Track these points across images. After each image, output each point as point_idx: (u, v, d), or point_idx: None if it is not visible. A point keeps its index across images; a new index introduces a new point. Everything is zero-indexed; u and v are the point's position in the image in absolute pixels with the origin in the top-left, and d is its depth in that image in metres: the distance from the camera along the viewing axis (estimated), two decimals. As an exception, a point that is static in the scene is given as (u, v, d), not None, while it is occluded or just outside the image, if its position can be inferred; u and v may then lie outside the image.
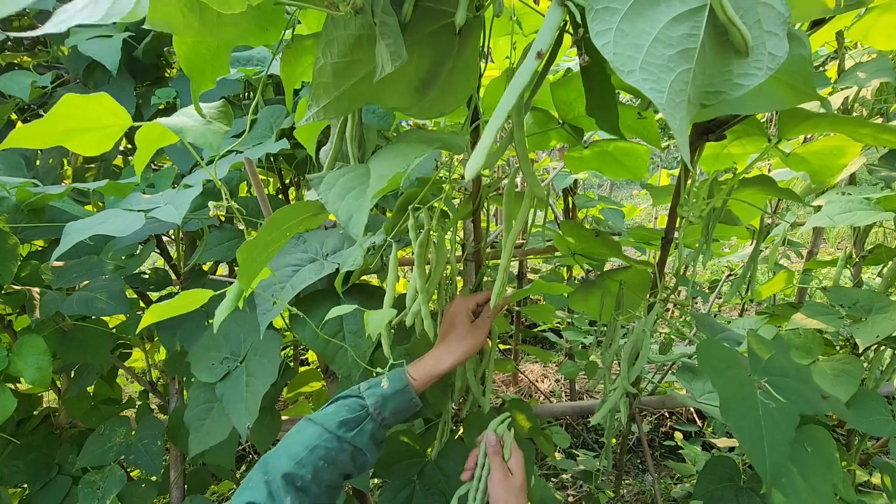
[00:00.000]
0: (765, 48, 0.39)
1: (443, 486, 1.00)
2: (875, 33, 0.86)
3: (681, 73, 0.37)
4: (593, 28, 0.37)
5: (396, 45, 0.47)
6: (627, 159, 1.09)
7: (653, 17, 0.37)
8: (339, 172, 0.56)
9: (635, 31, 0.37)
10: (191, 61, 0.61)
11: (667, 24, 0.37)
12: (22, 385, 1.29)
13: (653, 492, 1.68)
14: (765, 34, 0.39)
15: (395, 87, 0.55)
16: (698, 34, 0.37)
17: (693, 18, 0.37)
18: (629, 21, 0.37)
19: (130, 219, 0.88)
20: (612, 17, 0.37)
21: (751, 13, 0.38)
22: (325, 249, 0.96)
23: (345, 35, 0.51)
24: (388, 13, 0.48)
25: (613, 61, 0.37)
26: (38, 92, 1.26)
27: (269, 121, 1.15)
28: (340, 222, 0.50)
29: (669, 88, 0.37)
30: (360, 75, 0.54)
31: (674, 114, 0.37)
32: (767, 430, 0.66)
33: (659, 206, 2.68)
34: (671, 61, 0.37)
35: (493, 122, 0.39)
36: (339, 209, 0.50)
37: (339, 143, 0.69)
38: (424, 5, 0.52)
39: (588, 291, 1.09)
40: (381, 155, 0.58)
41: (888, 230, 1.43)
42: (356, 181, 0.53)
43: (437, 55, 0.55)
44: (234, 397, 0.94)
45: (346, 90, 0.54)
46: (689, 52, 0.37)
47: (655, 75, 0.37)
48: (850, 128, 0.72)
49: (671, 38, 0.37)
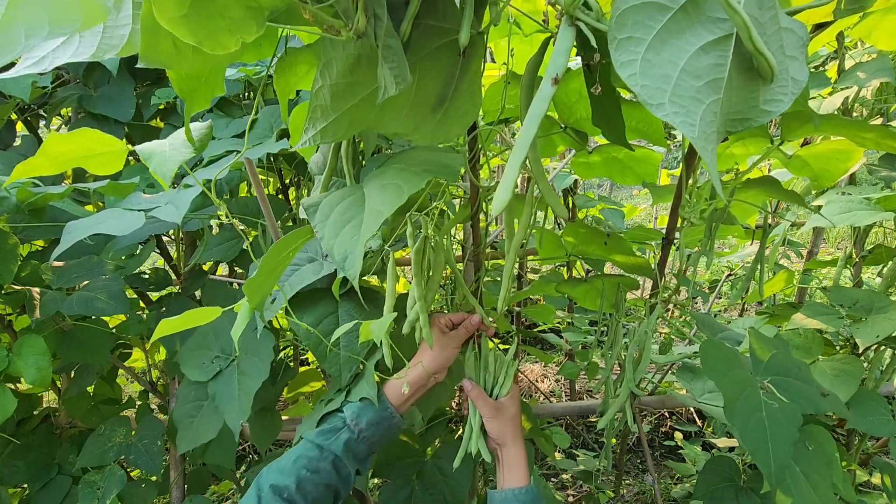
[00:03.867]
0: (788, 73, 0.38)
1: (443, 486, 1.00)
2: (878, 33, 0.86)
3: (710, 105, 0.36)
4: (617, 59, 0.36)
5: (400, 68, 0.46)
6: (638, 165, 1.07)
7: (679, 46, 0.36)
8: (334, 199, 0.55)
9: (662, 62, 0.36)
10: (183, 83, 0.60)
11: (693, 53, 0.36)
12: (22, 385, 1.29)
13: (653, 492, 1.68)
14: (787, 59, 0.38)
15: (396, 111, 0.53)
16: (725, 63, 0.37)
17: (719, 48, 0.37)
18: (655, 51, 0.36)
19: (130, 218, 0.88)
20: (636, 47, 0.36)
21: (774, 39, 0.38)
22: (325, 250, 0.96)
23: (343, 55, 0.49)
24: (391, 35, 0.46)
25: (641, 94, 0.36)
26: (38, 92, 1.26)
27: (269, 121, 1.15)
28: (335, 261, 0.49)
29: (700, 121, 0.36)
30: (360, 97, 0.51)
31: (706, 147, 0.36)
32: (771, 431, 0.66)
33: (659, 205, 2.68)
34: (700, 93, 0.36)
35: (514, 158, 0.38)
36: (335, 247, 0.50)
37: (335, 161, 0.68)
38: (424, 24, 0.50)
39: (577, 283, 1.10)
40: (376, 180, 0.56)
41: (888, 230, 1.43)
42: (351, 211, 0.52)
43: (438, 76, 0.53)
44: (226, 396, 0.94)
45: (345, 113, 0.52)
46: (717, 82, 0.37)
47: (686, 108, 0.36)
48: (853, 131, 0.72)
49: (699, 68, 0.36)
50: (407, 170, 0.55)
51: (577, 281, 1.09)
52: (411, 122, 0.54)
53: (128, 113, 1.28)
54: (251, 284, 0.62)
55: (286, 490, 0.68)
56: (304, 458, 0.72)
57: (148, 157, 0.65)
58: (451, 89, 0.53)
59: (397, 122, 0.54)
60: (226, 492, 1.99)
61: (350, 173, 0.66)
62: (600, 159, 1.07)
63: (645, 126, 0.92)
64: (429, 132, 0.55)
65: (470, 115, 0.55)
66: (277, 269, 0.66)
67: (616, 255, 1.01)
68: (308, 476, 0.70)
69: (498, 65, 1.12)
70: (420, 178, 0.53)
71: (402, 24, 0.48)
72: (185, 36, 0.41)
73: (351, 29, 0.44)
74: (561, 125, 0.94)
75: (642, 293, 2.62)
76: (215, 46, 0.43)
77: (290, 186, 1.51)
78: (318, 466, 0.72)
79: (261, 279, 0.64)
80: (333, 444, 0.74)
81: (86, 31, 0.42)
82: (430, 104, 0.54)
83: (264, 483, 0.70)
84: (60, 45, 0.42)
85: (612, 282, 1.05)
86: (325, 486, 0.72)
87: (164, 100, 1.27)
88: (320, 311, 0.89)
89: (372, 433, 0.77)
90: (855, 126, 0.72)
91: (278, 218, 1.17)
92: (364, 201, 0.52)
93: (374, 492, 1.85)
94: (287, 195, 1.50)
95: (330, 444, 0.74)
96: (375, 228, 0.49)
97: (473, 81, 0.54)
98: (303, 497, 0.69)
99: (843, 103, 1.20)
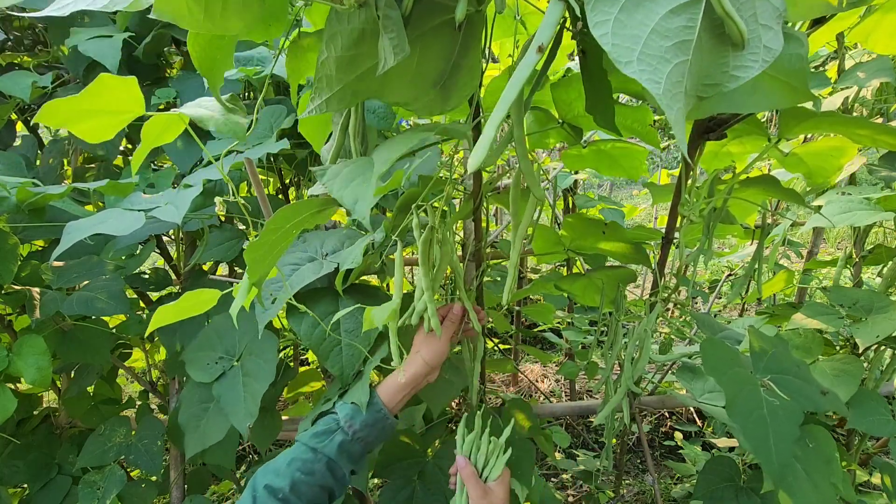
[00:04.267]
0: (760, 41, 0.39)
1: (443, 486, 1.00)
2: (876, 36, 0.86)
3: (678, 65, 0.38)
4: (592, 18, 0.37)
5: (399, 38, 0.47)
6: (624, 159, 1.09)
7: (651, 8, 0.37)
8: (343, 164, 0.58)
9: (633, 23, 0.37)
10: (203, 60, 0.63)
11: (664, 15, 0.38)
12: (22, 385, 1.29)
13: (653, 492, 1.68)
14: (760, 28, 0.39)
15: (398, 82, 0.56)
16: (695, 26, 0.38)
17: (689, 10, 0.38)
18: (627, 12, 0.37)
19: (130, 218, 0.88)
20: (610, 7, 0.38)
21: (747, 6, 0.39)
22: (325, 249, 0.96)
23: (348, 29, 0.51)
24: (391, 7, 0.48)
25: (611, 52, 0.37)
26: (38, 92, 1.26)
27: (270, 121, 1.15)
28: (346, 206, 0.51)
29: (666, 79, 0.37)
30: (363, 69, 0.54)
31: (671, 105, 0.37)
32: (773, 428, 0.66)
33: (658, 205, 2.68)
34: (668, 53, 0.37)
35: (494, 116, 0.39)
36: (345, 194, 0.52)
37: (342, 138, 0.69)
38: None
39: (575, 278, 1.10)
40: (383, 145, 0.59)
41: (888, 230, 1.43)
42: (360, 170, 0.55)
43: (439, 51, 0.55)
44: (232, 398, 0.94)
45: (349, 83, 0.54)
46: (685, 43, 0.38)
47: (653, 66, 0.37)
48: (848, 128, 0.72)
49: (668, 29, 0.37)
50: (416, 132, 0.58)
51: (576, 276, 1.10)
52: (411, 93, 0.56)
53: (128, 113, 1.28)
54: (252, 249, 0.62)
55: (281, 491, 0.69)
56: (299, 461, 0.73)
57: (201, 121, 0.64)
58: (450, 65, 0.56)
59: (398, 91, 0.56)
60: (226, 492, 1.99)
61: (357, 150, 0.67)
62: (589, 152, 1.10)
63: (640, 126, 0.94)
64: (428, 102, 0.58)
65: (469, 88, 0.58)
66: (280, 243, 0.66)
67: (613, 244, 1.02)
68: (302, 478, 0.71)
69: (502, 63, 1.13)
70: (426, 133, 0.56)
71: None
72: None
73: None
74: (559, 121, 0.97)
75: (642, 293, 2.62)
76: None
77: (290, 186, 1.51)
78: (312, 468, 0.72)
79: (264, 248, 0.64)
80: (328, 446, 0.74)
81: None
82: (430, 79, 0.56)
83: (259, 484, 0.70)
84: None
85: (611, 275, 1.05)
86: (319, 488, 0.72)
87: (164, 100, 1.27)
88: (321, 310, 0.89)
89: (366, 434, 0.77)
90: (850, 122, 0.72)
91: (278, 218, 1.17)
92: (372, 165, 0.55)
93: (375, 492, 1.85)
94: (287, 195, 1.50)
95: (324, 446, 0.74)
96: (383, 169, 0.51)
97: (473, 58, 0.56)
98: (297, 498, 0.70)
99: (843, 103, 1.20)
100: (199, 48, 0.62)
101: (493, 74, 1.08)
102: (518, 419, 1.13)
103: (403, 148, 0.54)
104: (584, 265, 1.24)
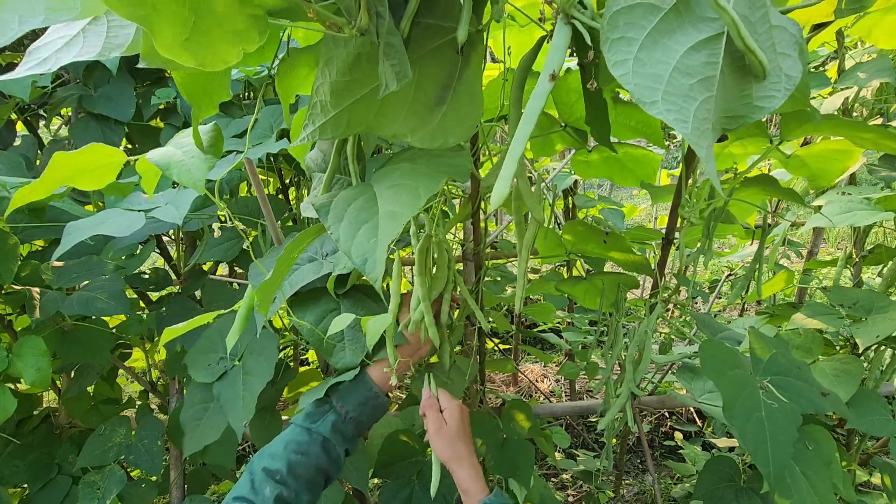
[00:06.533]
0: (781, 70, 0.39)
1: (443, 486, 1.00)
2: (877, 32, 0.86)
3: (703, 102, 0.37)
4: (610, 58, 0.37)
5: (401, 65, 0.46)
6: (637, 166, 1.07)
7: (670, 46, 0.37)
8: (344, 198, 0.55)
9: (653, 61, 0.37)
10: (190, 88, 0.60)
11: (685, 52, 0.37)
12: (22, 385, 1.29)
13: (653, 492, 1.68)
14: (779, 56, 0.39)
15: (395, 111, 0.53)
16: (717, 62, 0.37)
17: (710, 46, 0.37)
18: (647, 51, 0.37)
19: (131, 218, 0.88)
20: (628, 47, 0.37)
21: (765, 37, 0.38)
22: (325, 249, 0.96)
23: (344, 54, 0.50)
24: (392, 33, 0.46)
25: (634, 92, 0.36)
26: (38, 92, 1.26)
27: (269, 121, 1.15)
28: (355, 265, 0.48)
29: (693, 118, 0.36)
30: (359, 95, 0.52)
31: (700, 143, 0.36)
32: (771, 431, 0.66)
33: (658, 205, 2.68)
34: (692, 90, 0.37)
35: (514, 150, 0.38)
36: (353, 249, 0.49)
37: (338, 160, 0.68)
38: (424, 22, 0.50)
39: (576, 281, 1.10)
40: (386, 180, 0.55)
41: (888, 230, 1.43)
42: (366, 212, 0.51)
43: (438, 75, 0.53)
44: (230, 396, 0.94)
45: (344, 110, 0.52)
46: (709, 80, 0.37)
47: (678, 105, 0.36)
48: (851, 131, 0.72)
49: (690, 66, 0.37)
50: (419, 170, 0.55)
51: (577, 279, 1.09)
52: (410, 123, 0.54)
53: (128, 113, 1.28)
54: (264, 287, 0.63)
55: (278, 473, 0.71)
56: (294, 443, 0.74)
57: (166, 167, 0.63)
58: (450, 91, 0.53)
59: (396, 122, 0.54)
60: (226, 492, 1.99)
61: (355, 172, 0.67)
62: (599, 158, 1.08)
63: (644, 127, 0.92)
64: (427, 135, 0.54)
65: (470, 118, 0.54)
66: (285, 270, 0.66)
67: (615, 252, 1.01)
68: (298, 459, 0.73)
69: (498, 64, 1.12)
70: (435, 179, 0.53)
71: (401, 21, 0.48)
72: (187, 61, 0.40)
73: (353, 26, 0.45)
74: (561, 124, 0.94)
75: (642, 293, 2.62)
76: (217, 63, 0.42)
77: (290, 186, 1.51)
78: (307, 449, 0.74)
79: (272, 281, 0.65)
80: (321, 426, 0.76)
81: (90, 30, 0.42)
82: (428, 104, 0.53)
83: (257, 468, 0.72)
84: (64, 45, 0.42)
85: (612, 280, 1.05)
86: (315, 469, 0.74)
87: (164, 100, 1.27)
88: (322, 309, 0.89)
89: (358, 413, 0.79)
90: (853, 126, 0.72)
91: (278, 218, 1.17)
92: (376, 202, 0.52)
93: (375, 492, 1.85)
94: (287, 195, 1.50)
95: (318, 426, 0.76)
96: (395, 232, 0.48)
97: (473, 83, 0.54)
98: (295, 479, 0.71)
99: (843, 103, 1.20)
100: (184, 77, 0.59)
101: (491, 75, 1.08)
102: (518, 419, 1.13)
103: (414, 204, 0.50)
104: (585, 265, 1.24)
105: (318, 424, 0.77)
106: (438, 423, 0.82)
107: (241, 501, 0.69)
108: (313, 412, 0.79)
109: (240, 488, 0.71)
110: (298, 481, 0.72)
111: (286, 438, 0.76)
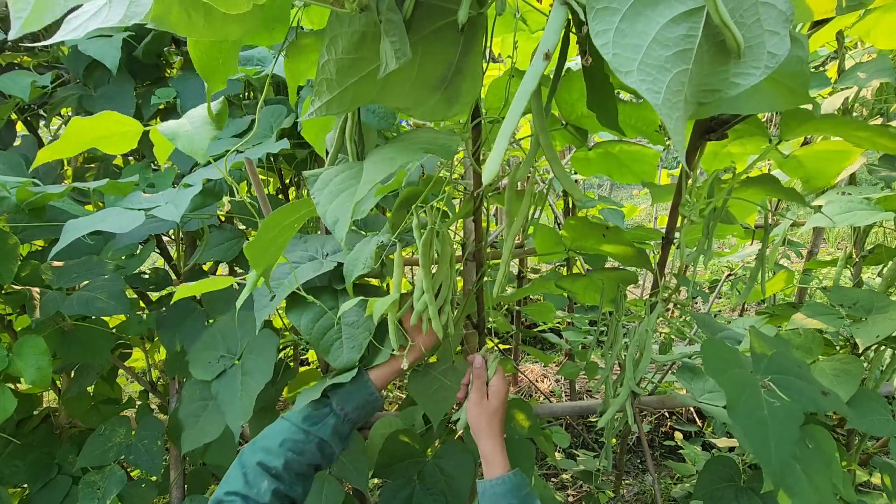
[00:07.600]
0: (764, 47, 0.39)
1: (443, 486, 1.00)
2: (877, 32, 0.86)
3: (677, 74, 0.37)
4: (593, 28, 0.37)
5: (401, 42, 0.47)
6: (634, 163, 1.07)
7: (652, 17, 0.37)
8: (335, 170, 0.58)
9: (634, 32, 0.37)
10: (204, 64, 0.63)
11: (665, 25, 0.37)
12: (22, 385, 1.29)
13: (653, 492, 1.68)
14: (765, 33, 0.39)
15: (399, 87, 0.55)
16: (696, 35, 0.38)
17: (691, 20, 0.38)
18: (629, 21, 0.37)
19: (130, 216, 0.88)
20: (612, 17, 0.37)
21: (750, 12, 0.38)
22: (326, 249, 0.97)
23: (349, 32, 0.51)
24: (392, 10, 0.47)
25: (612, 62, 0.37)
26: (38, 92, 1.26)
27: (269, 121, 1.15)
28: (328, 225, 0.51)
29: (666, 89, 0.37)
30: (364, 72, 0.53)
31: (670, 114, 0.37)
32: (773, 429, 0.66)
33: (659, 205, 2.68)
34: (668, 62, 0.37)
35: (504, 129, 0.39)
36: (327, 212, 0.52)
37: (341, 140, 0.70)
38: (427, 2, 0.52)
39: (576, 278, 1.10)
40: (374, 156, 0.59)
41: (888, 230, 1.44)
42: (348, 182, 0.54)
43: (440, 55, 0.55)
44: (229, 396, 0.94)
45: (349, 87, 0.54)
46: (686, 52, 0.38)
47: (652, 76, 0.37)
48: (847, 130, 0.72)
49: (669, 38, 0.37)
50: (404, 147, 0.58)
51: (577, 276, 1.09)
52: (412, 98, 0.56)
53: (128, 113, 1.27)
54: (252, 247, 0.64)
55: (274, 469, 0.72)
56: (290, 441, 0.75)
57: (172, 136, 0.66)
58: (451, 70, 0.55)
59: (399, 98, 0.56)
60: (226, 492, 1.98)
61: (353, 151, 0.68)
62: (596, 155, 1.08)
63: (643, 125, 0.93)
64: (429, 109, 0.57)
65: (470, 94, 0.57)
66: (280, 237, 0.67)
67: (613, 246, 1.01)
68: (295, 458, 0.75)
69: (501, 65, 1.12)
70: (415, 152, 0.56)
71: (404, 1, 0.50)
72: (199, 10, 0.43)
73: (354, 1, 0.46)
74: (562, 122, 0.95)
75: (642, 293, 2.62)
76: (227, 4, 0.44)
77: (290, 186, 1.51)
78: (304, 449, 0.76)
79: (262, 243, 0.65)
80: (321, 430, 0.78)
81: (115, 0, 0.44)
82: (431, 84, 0.55)
83: (249, 461, 0.73)
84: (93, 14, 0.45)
85: (612, 276, 1.05)
86: (308, 465, 0.76)
87: (164, 100, 1.27)
88: (321, 307, 0.89)
89: (357, 415, 0.81)
90: (849, 124, 0.72)
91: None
92: (361, 174, 0.55)
93: (375, 492, 1.85)
94: (287, 195, 1.50)
95: (317, 430, 0.78)
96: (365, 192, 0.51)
97: (474, 62, 0.56)
98: (289, 474, 0.73)
99: (843, 103, 1.20)
100: (201, 52, 0.62)
101: (493, 75, 1.08)
102: (518, 419, 1.13)
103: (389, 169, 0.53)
104: (585, 265, 1.23)
105: (317, 428, 0.78)
106: (481, 395, 0.83)
107: (236, 496, 0.69)
108: (312, 414, 0.79)
109: (231, 482, 0.71)
110: (293, 476, 0.74)
111: (282, 436, 0.76)
